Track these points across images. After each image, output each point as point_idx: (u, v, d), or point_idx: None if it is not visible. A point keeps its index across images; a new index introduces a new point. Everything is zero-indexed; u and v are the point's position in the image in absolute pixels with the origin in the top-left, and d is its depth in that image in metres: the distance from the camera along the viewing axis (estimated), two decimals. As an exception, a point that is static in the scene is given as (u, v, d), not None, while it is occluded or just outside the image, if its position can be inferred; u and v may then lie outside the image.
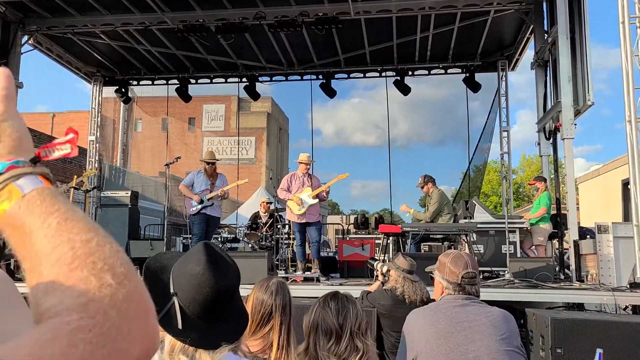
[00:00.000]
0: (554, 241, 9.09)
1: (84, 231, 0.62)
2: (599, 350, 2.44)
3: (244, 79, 12.69)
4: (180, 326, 1.35)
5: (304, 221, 7.78)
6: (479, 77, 11.99)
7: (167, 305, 1.37)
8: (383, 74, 12.52)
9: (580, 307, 6.30)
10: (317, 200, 7.77)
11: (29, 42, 10.75)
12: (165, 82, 13.16)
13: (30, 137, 0.70)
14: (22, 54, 10.55)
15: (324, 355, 2.10)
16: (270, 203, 11.05)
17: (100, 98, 13.18)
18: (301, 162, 7.96)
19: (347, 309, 2.22)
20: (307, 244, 8.26)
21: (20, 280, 6.67)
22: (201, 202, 7.89)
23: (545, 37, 9.32)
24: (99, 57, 12.23)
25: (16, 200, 0.63)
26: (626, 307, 6.13)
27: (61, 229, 0.61)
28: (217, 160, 8.37)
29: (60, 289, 0.57)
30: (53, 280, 0.58)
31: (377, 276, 4.96)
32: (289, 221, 8.30)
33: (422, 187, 9.21)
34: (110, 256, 0.61)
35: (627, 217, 11.37)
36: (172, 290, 1.39)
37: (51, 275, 0.58)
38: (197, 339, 1.37)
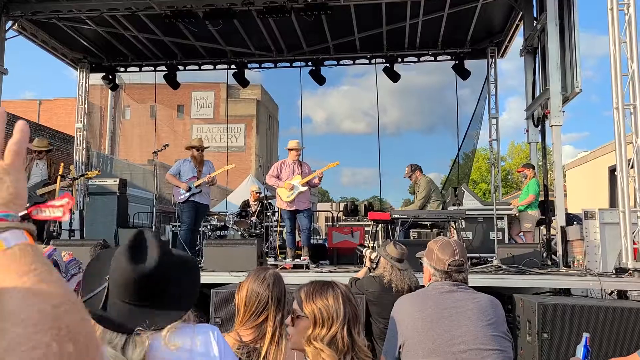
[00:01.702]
0: (541, 227, 9.17)
1: (54, 296, 0.63)
2: (585, 335, 2.47)
3: (233, 66, 12.58)
4: (100, 306, 1.40)
5: (293, 208, 7.78)
6: (468, 64, 11.99)
7: (98, 288, 1.44)
8: (372, 60, 12.45)
9: (566, 292, 6.39)
10: (306, 187, 7.77)
11: (14, 27, 10.54)
12: (153, 68, 13.02)
13: (26, 194, 0.74)
14: (6, 39, 10.37)
15: (361, 342, 1.96)
16: (260, 192, 11.03)
17: (87, 85, 13.03)
18: (291, 149, 7.94)
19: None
20: (297, 231, 8.26)
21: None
22: (189, 189, 7.84)
23: (535, 24, 9.33)
24: (85, 43, 12.06)
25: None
26: (612, 292, 6.22)
27: (33, 289, 0.63)
28: (206, 147, 8.32)
29: (20, 351, 0.58)
30: (15, 339, 0.58)
31: (365, 262, 4.97)
32: (279, 209, 8.29)
33: (410, 177, 9.20)
34: (76, 325, 0.62)
35: (613, 203, 11.50)
36: (108, 275, 1.47)
37: (14, 334, 0.59)
38: (117, 325, 1.39)
